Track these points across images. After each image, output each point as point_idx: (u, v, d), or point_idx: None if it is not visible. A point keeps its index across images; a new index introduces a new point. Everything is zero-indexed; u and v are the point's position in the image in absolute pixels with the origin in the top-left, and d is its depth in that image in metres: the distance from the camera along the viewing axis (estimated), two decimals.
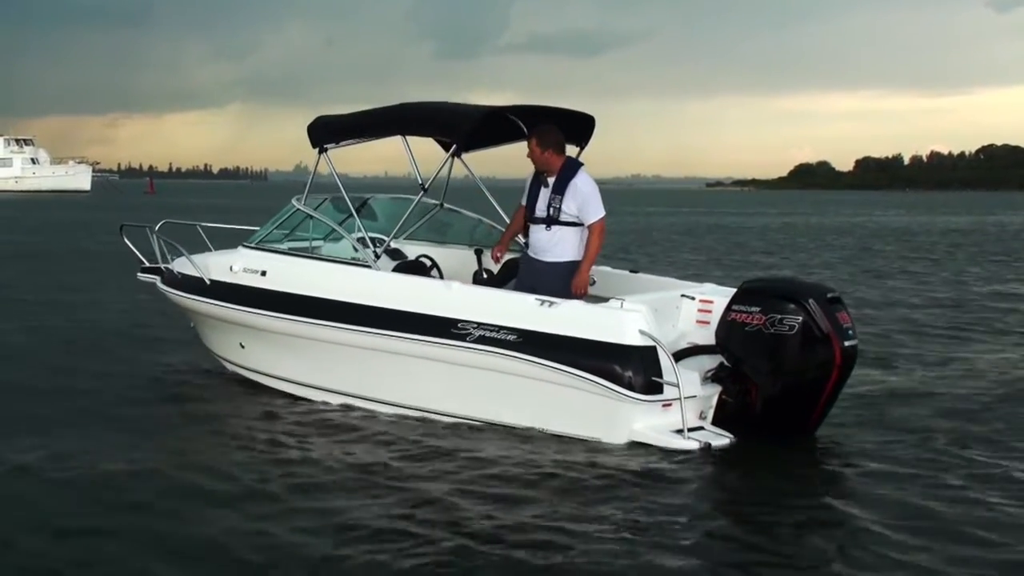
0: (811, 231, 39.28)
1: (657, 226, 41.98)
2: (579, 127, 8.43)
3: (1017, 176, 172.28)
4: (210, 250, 9.32)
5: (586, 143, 8.48)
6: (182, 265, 9.14)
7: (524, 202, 8.02)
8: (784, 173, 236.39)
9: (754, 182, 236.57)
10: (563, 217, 7.75)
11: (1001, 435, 7.42)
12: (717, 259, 24.49)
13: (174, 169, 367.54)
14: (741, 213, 62.36)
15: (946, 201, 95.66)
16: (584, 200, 7.73)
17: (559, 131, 7.88)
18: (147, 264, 9.74)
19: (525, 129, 8.37)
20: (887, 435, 7.36)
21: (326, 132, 8.69)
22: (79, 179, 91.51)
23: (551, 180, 7.80)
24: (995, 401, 8.47)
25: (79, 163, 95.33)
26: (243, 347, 8.79)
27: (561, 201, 7.73)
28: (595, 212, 7.76)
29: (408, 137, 8.49)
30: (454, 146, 8.23)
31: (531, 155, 7.85)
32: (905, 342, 11.54)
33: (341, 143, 8.73)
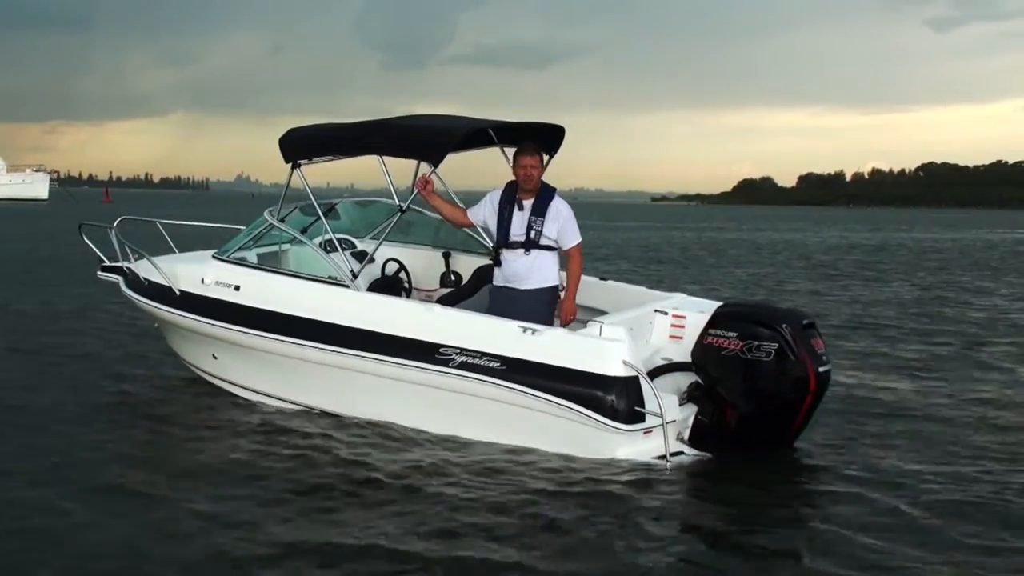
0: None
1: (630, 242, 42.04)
2: (550, 137, 8.28)
3: (955, 194, 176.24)
4: (173, 250, 9.16)
5: (555, 152, 8.30)
6: (146, 269, 8.95)
7: (488, 223, 7.83)
8: (728, 188, 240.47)
9: (699, 197, 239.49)
10: (543, 241, 7.60)
11: (976, 447, 7.53)
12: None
13: (115, 178, 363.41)
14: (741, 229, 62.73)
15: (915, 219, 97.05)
16: (564, 223, 7.63)
17: None
18: (108, 263, 9.54)
19: (495, 138, 8.37)
20: (862, 449, 7.44)
21: (300, 148, 8.44)
22: (36, 187, 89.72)
23: (527, 203, 7.61)
24: (971, 415, 8.60)
25: (36, 171, 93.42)
26: (216, 358, 8.66)
27: (543, 224, 7.58)
28: (574, 236, 7.66)
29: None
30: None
31: (527, 171, 7.54)
32: (877, 354, 11.71)
33: (314, 160, 8.50)
